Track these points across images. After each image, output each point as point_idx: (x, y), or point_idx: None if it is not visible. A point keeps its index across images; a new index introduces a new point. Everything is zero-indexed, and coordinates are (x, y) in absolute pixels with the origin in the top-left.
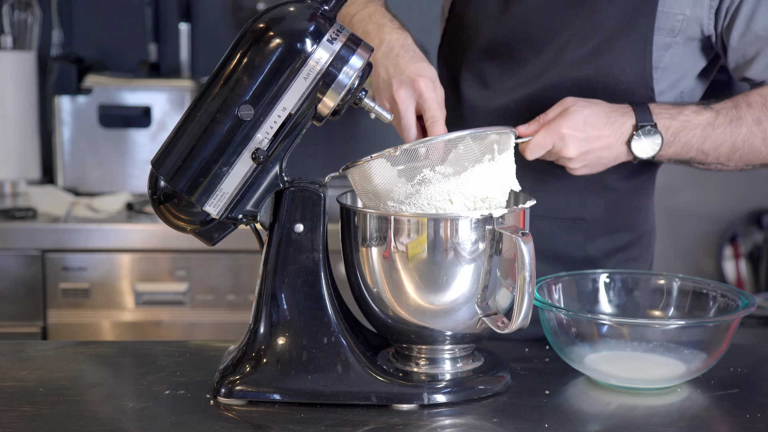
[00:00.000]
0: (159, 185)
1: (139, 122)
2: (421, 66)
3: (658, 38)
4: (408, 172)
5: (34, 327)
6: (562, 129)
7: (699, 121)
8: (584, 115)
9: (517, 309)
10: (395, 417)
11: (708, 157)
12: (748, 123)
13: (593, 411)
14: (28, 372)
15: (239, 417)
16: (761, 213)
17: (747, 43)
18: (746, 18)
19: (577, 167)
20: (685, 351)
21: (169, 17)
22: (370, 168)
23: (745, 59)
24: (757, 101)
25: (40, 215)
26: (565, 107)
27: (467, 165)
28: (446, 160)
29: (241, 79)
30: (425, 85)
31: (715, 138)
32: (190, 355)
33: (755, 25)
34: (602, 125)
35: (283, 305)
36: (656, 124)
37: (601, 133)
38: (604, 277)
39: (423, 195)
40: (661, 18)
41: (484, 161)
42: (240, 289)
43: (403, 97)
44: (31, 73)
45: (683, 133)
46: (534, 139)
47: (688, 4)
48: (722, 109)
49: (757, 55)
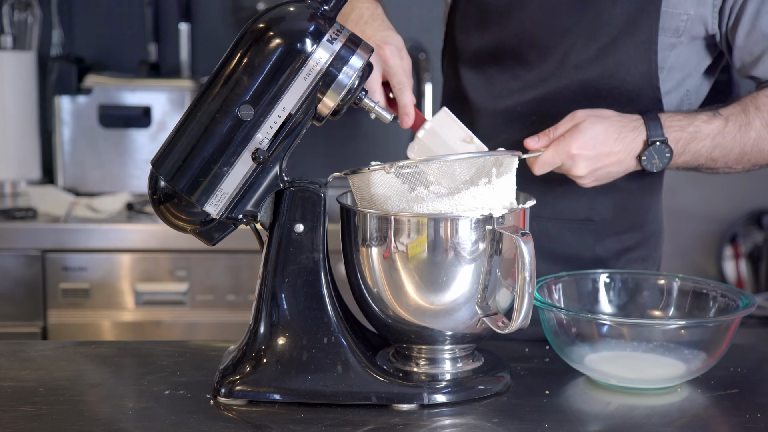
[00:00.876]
0: (159, 185)
1: (139, 122)
2: (387, 34)
3: (662, 39)
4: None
5: (34, 327)
6: (572, 149)
7: (709, 130)
8: (594, 132)
9: (517, 309)
10: (395, 417)
11: (717, 162)
12: (756, 127)
13: (593, 411)
14: (28, 372)
15: (239, 417)
16: (761, 213)
17: (753, 41)
18: (751, 17)
19: (586, 183)
20: (685, 351)
21: (169, 17)
22: (370, 177)
23: (752, 58)
24: (765, 103)
25: (40, 215)
26: (575, 123)
27: (461, 187)
28: (441, 179)
29: (241, 79)
30: (390, 52)
31: (725, 146)
32: (190, 355)
33: (761, 24)
34: (613, 141)
35: (283, 305)
36: (667, 139)
37: (612, 149)
38: (604, 277)
39: (416, 212)
40: (665, 18)
41: (480, 184)
42: (240, 289)
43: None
44: (31, 73)
45: (693, 143)
46: (543, 157)
47: (692, 4)
48: (731, 115)
49: (763, 53)
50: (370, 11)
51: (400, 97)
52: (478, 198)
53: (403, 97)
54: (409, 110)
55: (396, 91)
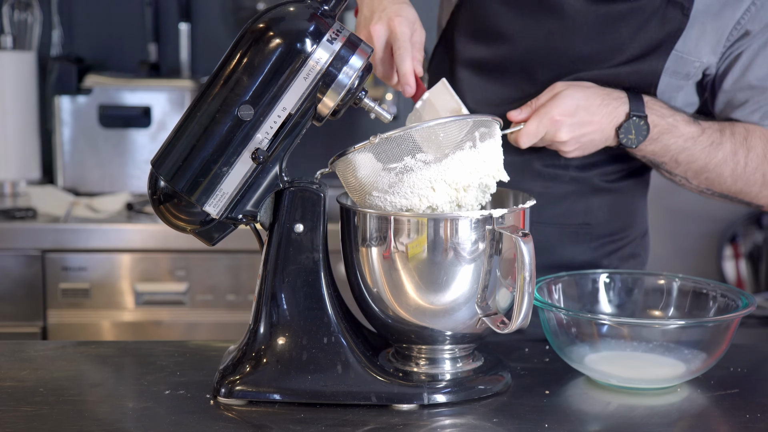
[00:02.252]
0: (159, 185)
1: (139, 122)
2: (401, 7)
3: (672, 81)
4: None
5: (34, 327)
6: (554, 115)
7: (685, 131)
8: (576, 98)
9: (517, 309)
10: (395, 417)
11: (678, 167)
12: (725, 150)
13: (593, 411)
14: (28, 372)
15: (239, 417)
16: (761, 213)
17: (738, 89)
18: (743, 66)
19: (570, 150)
20: (685, 351)
21: (169, 17)
22: (354, 159)
23: (733, 104)
24: (741, 133)
25: (40, 215)
26: (556, 92)
27: (448, 152)
28: (427, 147)
29: (241, 79)
30: (399, 23)
31: (692, 153)
32: (190, 355)
33: (749, 75)
34: (596, 107)
35: (283, 305)
36: (647, 116)
37: (594, 116)
38: (604, 277)
39: (406, 183)
40: (679, 63)
41: (465, 148)
42: (240, 289)
43: (378, 31)
44: (31, 73)
45: (667, 135)
46: (526, 128)
47: (706, 53)
48: (708, 128)
49: (746, 102)
50: None
51: (400, 65)
52: (465, 162)
53: (402, 65)
54: (409, 79)
55: (396, 58)
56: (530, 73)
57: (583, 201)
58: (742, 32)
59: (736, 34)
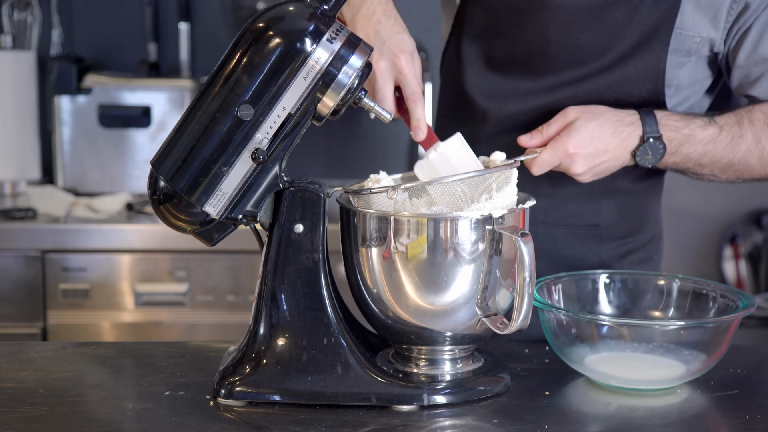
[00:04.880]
0: (159, 185)
1: (138, 122)
2: (402, 39)
3: (673, 59)
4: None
5: (34, 328)
6: (569, 149)
7: (703, 136)
8: (590, 129)
9: (517, 310)
10: (395, 418)
11: (704, 169)
12: (747, 141)
13: (593, 412)
14: (28, 373)
15: (239, 418)
16: (761, 213)
17: (752, 63)
18: (754, 40)
19: (585, 179)
20: (685, 352)
21: (168, 17)
22: (371, 198)
23: (749, 79)
24: (760, 119)
25: (40, 215)
26: (568, 121)
27: (463, 205)
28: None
29: (241, 78)
30: (406, 61)
31: (715, 153)
32: (190, 356)
33: (762, 48)
34: (609, 137)
35: (282, 306)
36: (662, 136)
37: (608, 145)
38: (604, 278)
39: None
40: (678, 40)
41: (481, 200)
42: (240, 290)
43: (383, 70)
44: (31, 73)
45: (686, 146)
46: (540, 158)
47: (705, 27)
48: (726, 125)
49: (761, 76)
50: (382, 6)
51: (414, 109)
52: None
53: (416, 110)
54: (422, 124)
55: (410, 103)
56: (533, 68)
57: (592, 202)
58: (742, 5)
59: (737, 7)
